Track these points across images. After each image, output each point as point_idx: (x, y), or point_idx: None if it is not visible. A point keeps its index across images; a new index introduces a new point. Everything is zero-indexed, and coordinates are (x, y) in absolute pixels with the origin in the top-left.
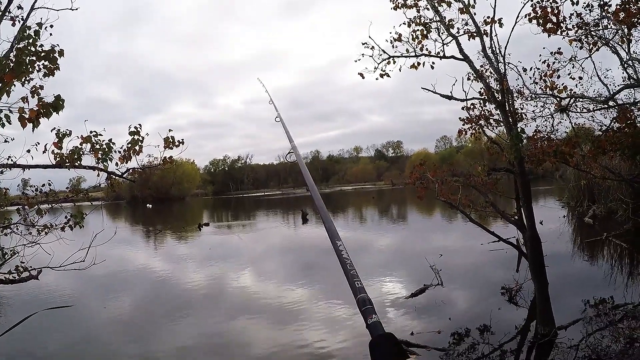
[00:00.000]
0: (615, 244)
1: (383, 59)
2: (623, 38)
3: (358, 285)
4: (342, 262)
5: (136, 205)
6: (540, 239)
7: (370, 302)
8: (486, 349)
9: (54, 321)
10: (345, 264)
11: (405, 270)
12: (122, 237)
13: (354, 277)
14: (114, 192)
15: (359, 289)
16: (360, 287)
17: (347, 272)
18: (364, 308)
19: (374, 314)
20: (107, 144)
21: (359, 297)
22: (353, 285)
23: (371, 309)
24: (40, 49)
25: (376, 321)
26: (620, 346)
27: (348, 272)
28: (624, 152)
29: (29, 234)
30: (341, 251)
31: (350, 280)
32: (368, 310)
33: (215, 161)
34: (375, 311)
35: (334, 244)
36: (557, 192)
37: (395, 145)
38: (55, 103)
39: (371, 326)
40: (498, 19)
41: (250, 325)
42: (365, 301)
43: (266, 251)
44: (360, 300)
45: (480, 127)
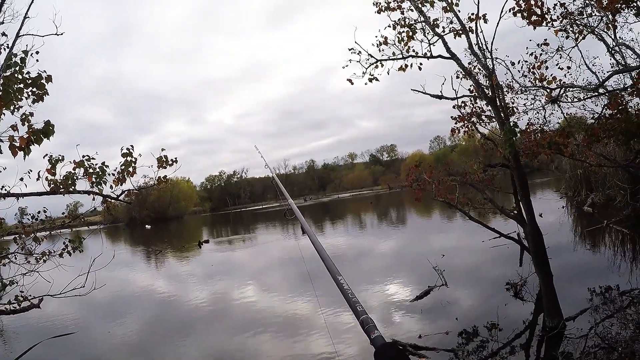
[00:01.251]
0: (616, 231)
1: (370, 63)
2: (608, 25)
3: (359, 309)
4: (343, 293)
5: (134, 227)
6: (541, 232)
7: (372, 321)
8: (495, 346)
9: (59, 350)
10: (347, 294)
11: (408, 273)
12: (123, 259)
13: (356, 302)
14: (111, 215)
15: (360, 312)
16: (362, 310)
17: (349, 300)
18: (367, 327)
19: (375, 330)
20: (101, 167)
21: (361, 319)
22: (355, 309)
23: (373, 326)
24: (28, 75)
25: (378, 335)
26: (629, 332)
27: (350, 300)
28: (618, 138)
29: (27, 263)
30: (342, 284)
31: (352, 306)
32: (370, 328)
33: (211, 177)
34: (376, 327)
35: (336, 279)
36: (554, 184)
37: (390, 149)
38: (45, 129)
39: (374, 340)
40: (482, 15)
41: (256, 340)
42: (367, 321)
43: (268, 264)
44: (363, 321)
45: (472, 124)
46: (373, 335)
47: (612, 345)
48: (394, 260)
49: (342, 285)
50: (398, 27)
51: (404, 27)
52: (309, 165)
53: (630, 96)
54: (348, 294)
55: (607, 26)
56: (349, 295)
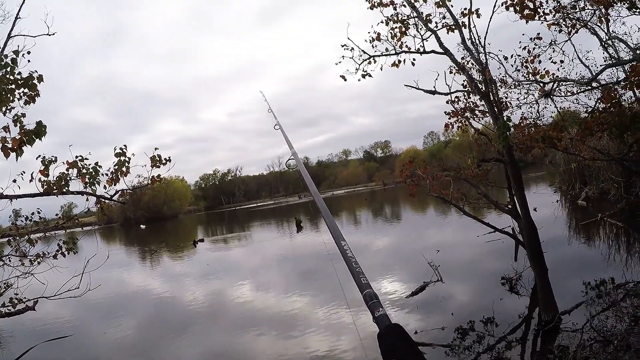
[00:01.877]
0: (610, 224)
1: (364, 59)
2: (601, 18)
3: (364, 281)
4: (347, 260)
5: (129, 227)
6: (535, 226)
7: (377, 297)
8: (491, 341)
9: (55, 352)
10: (350, 262)
11: (403, 269)
12: (118, 259)
13: (360, 274)
14: (105, 215)
15: (364, 284)
16: (366, 283)
17: (353, 270)
18: (371, 302)
19: (380, 308)
20: (94, 167)
21: (365, 293)
22: (359, 281)
23: (377, 303)
24: (19, 76)
25: (383, 314)
26: (625, 325)
27: (354, 270)
28: (612, 132)
29: (21, 265)
30: (346, 250)
31: (356, 277)
32: (374, 304)
33: (206, 176)
34: (382, 305)
35: (339, 244)
36: (548, 178)
37: (384, 145)
38: (37, 129)
39: (378, 319)
40: (475, 10)
41: (253, 338)
42: (371, 296)
43: (264, 262)
44: (367, 296)
45: (466, 119)
46: (377, 313)
47: (607, 338)
48: (389, 256)
49: (345, 252)
50: (391, 22)
51: (396, 22)
52: (303, 162)
53: (623, 89)
54: (352, 262)
55: (600, 20)
56: (353, 264)
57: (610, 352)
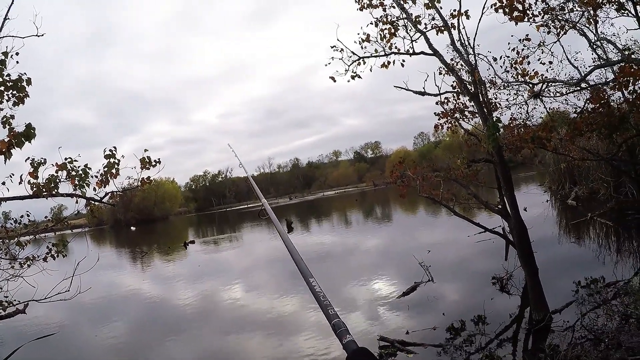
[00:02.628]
0: (600, 223)
1: (353, 60)
2: (590, 20)
3: (331, 312)
4: (315, 295)
5: (120, 229)
6: (525, 226)
7: (344, 325)
8: (483, 340)
9: (45, 354)
10: (319, 296)
11: (394, 269)
12: (108, 262)
13: (328, 306)
14: (95, 217)
15: (332, 315)
16: (334, 314)
17: (321, 303)
18: (339, 331)
19: (347, 335)
20: (83, 169)
21: (333, 322)
22: (327, 312)
23: (345, 330)
24: (8, 78)
25: (350, 340)
26: (615, 323)
27: (322, 303)
28: (601, 132)
29: (11, 268)
30: (314, 286)
31: (324, 309)
32: (342, 332)
33: (196, 177)
34: (349, 332)
35: (307, 281)
36: (538, 178)
37: (374, 146)
38: (26, 132)
39: (346, 345)
40: (464, 12)
41: (244, 340)
42: (339, 325)
43: (254, 264)
44: (335, 325)
45: (456, 120)
46: (345, 340)
47: (598, 337)
48: (379, 257)
49: (313, 287)
50: (380, 24)
51: (386, 24)
52: (293, 163)
53: (612, 90)
54: (320, 296)
55: (589, 21)
56: (321, 298)
57: (601, 351)
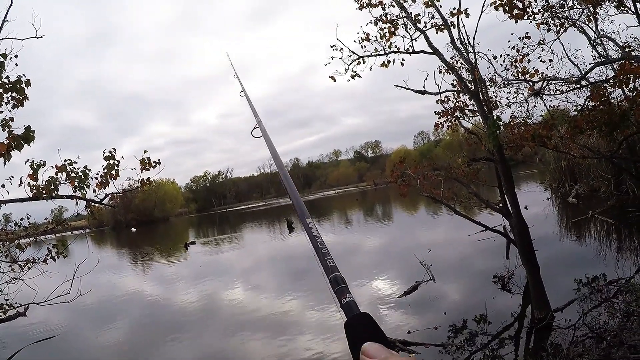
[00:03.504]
0: (601, 221)
1: (353, 59)
2: (589, 17)
3: (330, 264)
4: (311, 239)
5: (120, 230)
6: (526, 224)
7: (344, 282)
8: (484, 340)
9: (46, 357)
10: (315, 242)
11: (395, 268)
12: (109, 263)
13: (325, 255)
14: (96, 219)
15: (331, 267)
16: (333, 266)
17: (318, 250)
18: (337, 287)
19: (347, 294)
20: (83, 171)
21: (331, 276)
22: (325, 264)
23: (345, 288)
24: (7, 80)
25: (350, 300)
26: (617, 321)
27: (319, 250)
28: (601, 130)
29: (11, 271)
30: (311, 228)
31: (320, 257)
32: (341, 289)
33: (197, 178)
34: (349, 290)
35: (304, 222)
36: (539, 176)
37: (374, 145)
38: (25, 134)
39: (345, 306)
40: (464, 10)
41: (245, 340)
42: (338, 280)
43: (256, 264)
44: (333, 280)
45: (456, 118)
46: (344, 300)
47: (600, 335)
48: (381, 256)
49: (310, 230)
50: (380, 23)
51: (385, 23)
52: (293, 163)
53: (612, 87)
54: (317, 242)
55: (589, 18)
56: (318, 244)
57: (603, 349)
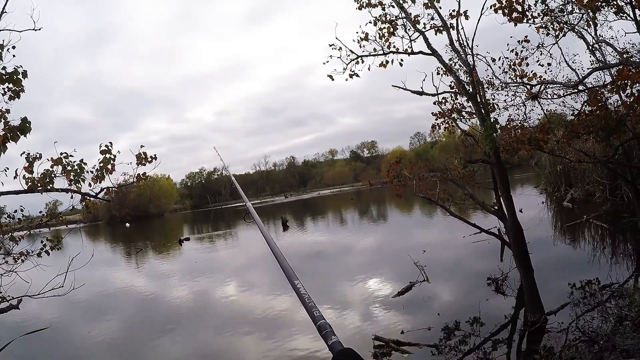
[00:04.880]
0: (595, 226)
1: (351, 59)
2: (588, 22)
3: (317, 314)
4: (300, 297)
5: (115, 225)
6: (521, 227)
7: (330, 326)
8: (477, 341)
9: (38, 349)
10: (303, 298)
11: (389, 269)
12: (103, 258)
13: (312, 307)
14: (90, 213)
15: (317, 317)
16: (319, 315)
17: (306, 305)
18: (324, 332)
19: (333, 336)
20: (79, 164)
21: (318, 324)
22: (312, 314)
23: (330, 332)
24: (4, 71)
25: (336, 341)
26: (610, 325)
27: (307, 304)
28: (597, 134)
29: (5, 263)
30: (299, 288)
31: (309, 311)
32: (327, 333)
33: (192, 174)
34: (334, 333)
35: (292, 283)
36: (534, 179)
37: (370, 145)
38: (22, 126)
39: (331, 346)
40: (464, 12)
41: (238, 337)
42: (324, 326)
43: (249, 262)
44: (321, 327)
45: (453, 120)
46: (330, 341)
47: (593, 339)
48: (375, 256)
49: (298, 289)
50: (379, 23)
51: (385, 23)
52: (289, 162)
53: (609, 93)
54: (305, 298)
55: (588, 23)
56: (306, 300)
57: (595, 352)
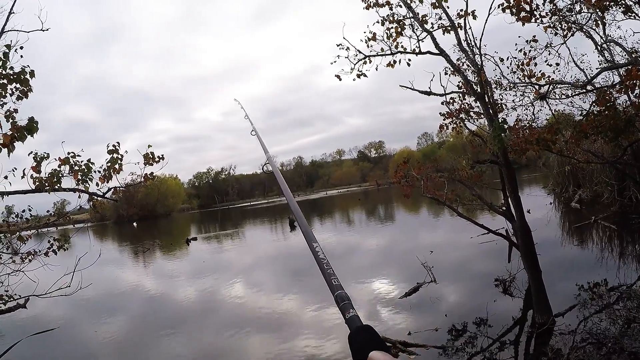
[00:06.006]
0: (604, 227)
1: (359, 59)
2: (597, 22)
3: (335, 282)
4: (318, 262)
5: (122, 225)
6: (529, 228)
7: (348, 298)
8: (485, 343)
9: (45, 348)
10: (322, 264)
11: (397, 269)
12: (110, 257)
13: (331, 275)
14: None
15: (336, 286)
16: (338, 285)
17: (324, 271)
18: (342, 304)
19: (351, 309)
20: (86, 164)
21: (336, 294)
22: (330, 282)
23: (349, 304)
24: (11, 71)
25: (354, 315)
26: (618, 328)
27: (325, 271)
28: (606, 135)
29: (12, 262)
30: (317, 252)
31: (327, 278)
32: (346, 305)
33: (200, 174)
34: (352, 306)
35: (310, 245)
36: (542, 180)
37: (377, 145)
38: (29, 126)
39: (349, 320)
40: (471, 12)
41: (244, 337)
42: (342, 297)
43: (256, 262)
44: (338, 297)
45: (461, 120)
46: (348, 314)
47: (601, 341)
48: (382, 256)
49: (317, 253)
50: (387, 22)
51: (392, 23)
52: (296, 162)
53: (618, 93)
54: (323, 264)
55: (596, 23)
56: (324, 265)
57: (603, 355)
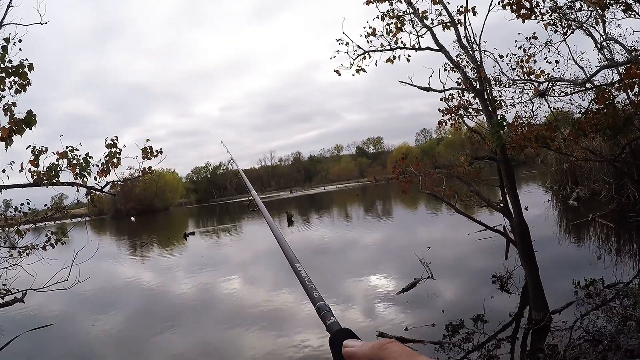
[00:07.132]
0: (601, 225)
1: (358, 54)
2: (597, 20)
3: (316, 295)
4: (301, 280)
5: (120, 219)
6: (527, 225)
7: (328, 307)
8: (481, 339)
9: (42, 343)
10: (304, 281)
11: (394, 265)
12: (107, 252)
13: (312, 289)
14: (96, 207)
15: (317, 298)
16: (318, 297)
17: (306, 287)
18: (323, 313)
19: (331, 317)
20: (85, 158)
21: (317, 305)
22: (312, 296)
23: (328, 313)
24: (10, 64)
25: (334, 321)
26: (614, 325)
27: (307, 287)
28: (605, 133)
29: (10, 256)
30: (300, 271)
31: (309, 292)
32: (326, 314)
33: (198, 169)
34: (333, 314)
35: (293, 266)
36: (540, 177)
37: (376, 141)
38: (27, 119)
39: (329, 326)
40: (471, 8)
41: (242, 332)
42: (322, 307)
43: (254, 257)
44: (319, 307)
45: (459, 117)
46: (329, 321)
47: (597, 338)
48: (380, 252)
49: (299, 272)
50: (387, 18)
51: (392, 18)
52: (295, 157)
53: (617, 91)
54: (305, 280)
55: (596, 21)
56: (306, 282)
57: (600, 352)
